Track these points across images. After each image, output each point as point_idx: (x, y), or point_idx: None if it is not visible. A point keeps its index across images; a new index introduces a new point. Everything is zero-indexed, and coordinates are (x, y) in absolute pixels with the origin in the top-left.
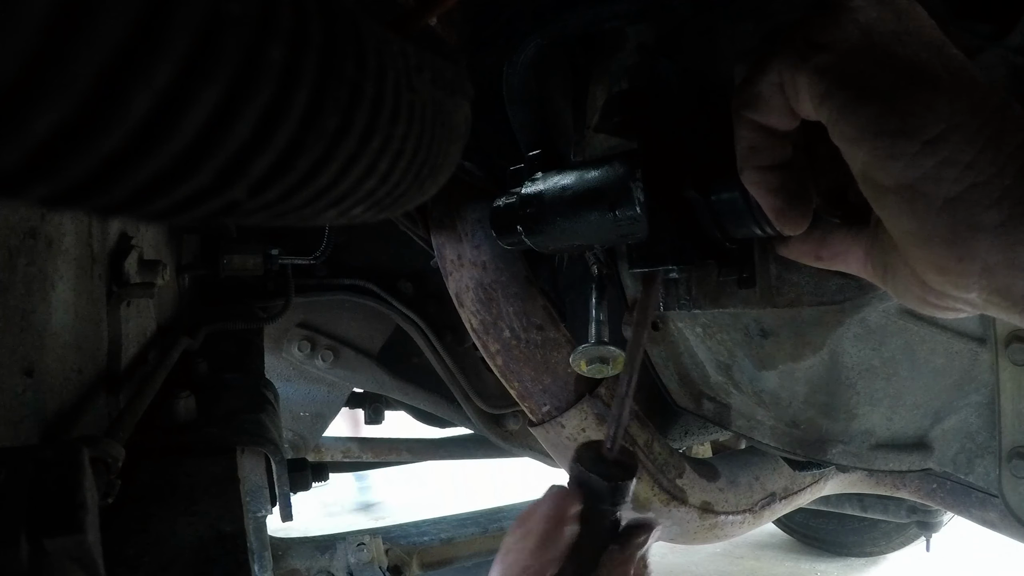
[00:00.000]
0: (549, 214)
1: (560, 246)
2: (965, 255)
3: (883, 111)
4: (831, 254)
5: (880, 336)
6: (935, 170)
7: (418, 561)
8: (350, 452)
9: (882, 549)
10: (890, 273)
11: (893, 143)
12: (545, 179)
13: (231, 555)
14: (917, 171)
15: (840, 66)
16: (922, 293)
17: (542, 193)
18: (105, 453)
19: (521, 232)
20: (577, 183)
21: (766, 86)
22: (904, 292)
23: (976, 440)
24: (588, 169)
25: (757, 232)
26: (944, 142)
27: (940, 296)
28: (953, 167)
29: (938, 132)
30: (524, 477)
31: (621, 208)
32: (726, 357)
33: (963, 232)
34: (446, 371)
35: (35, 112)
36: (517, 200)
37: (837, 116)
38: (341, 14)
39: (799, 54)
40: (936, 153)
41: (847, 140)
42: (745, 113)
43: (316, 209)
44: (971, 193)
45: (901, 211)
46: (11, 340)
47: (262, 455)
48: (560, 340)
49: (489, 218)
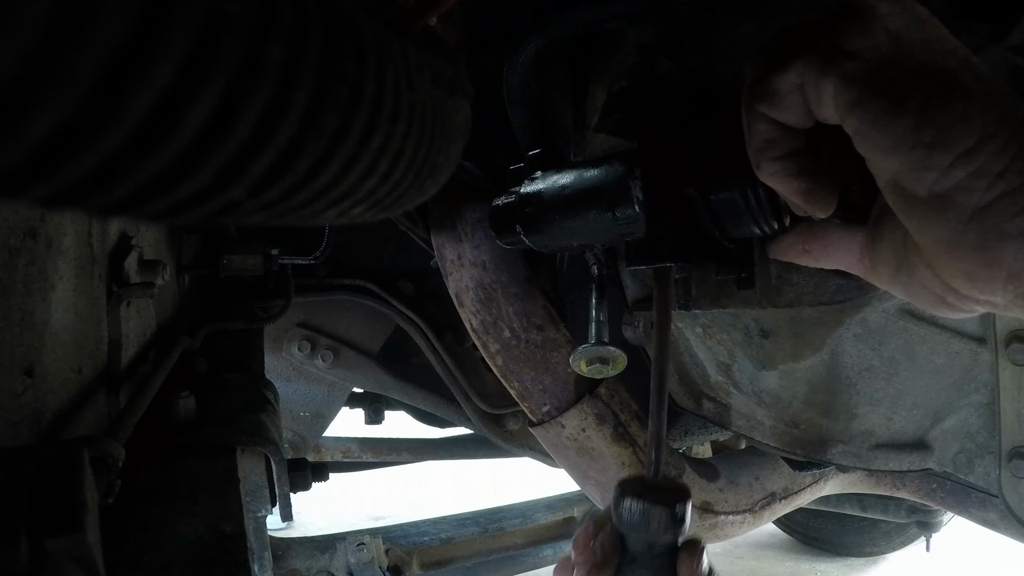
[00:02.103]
0: (548, 213)
1: (559, 245)
2: (993, 262)
3: (918, 123)
4: (823, 250)
5: (880, 336)
6: (967, 181)
7: (418, 561)
8: (350, 452)
9: (882, 549)
10: (904, 273)
11: (928, 155)
12: (544, 178)
13: (231, 555)
14: (950, 182)
15: (871, 75)
16: (942, 294)
17: (541, 192)
18: (105, 453)
19: (520, 231)
20: (576, 182)
21: (785, 84)
22: (920, 293)
23: (976, 440)
24: (587, 168)
25: (756, 231)
26: (978, 153)
27: (962, 299)
28: (985, 177)
29: (972, 144)
30: (524, 477)
31: (620, 207)
32: (726, 357)
33: (992, 240)
34: (446, 371)
35: (35, 112)
36: (516, 199)
37: (869, 127)
38: (341, 14)
39: (825, 59)
40: (970, 164)
41: (879, 151)
42: (760, 108)
43: (316, 209)
44: (1000, 202)
45: (931, 220)
46: (11, 340)
47: (262, 455)
48: (560, 340)
49: (488, 217)
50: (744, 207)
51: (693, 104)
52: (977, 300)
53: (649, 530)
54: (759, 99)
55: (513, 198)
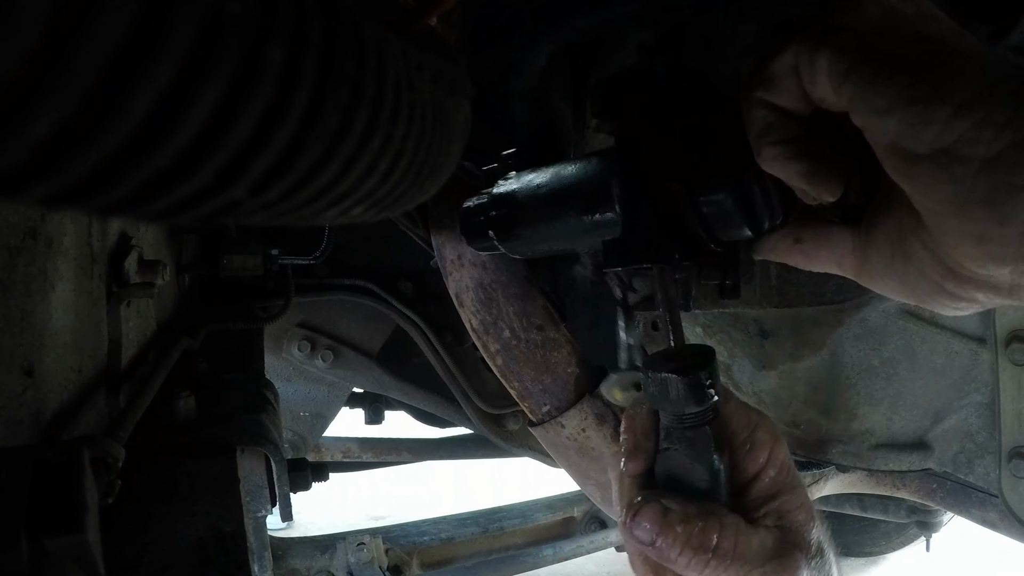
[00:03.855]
0: (523, 215)
1: (537, 251)
2: (1006, 218)
3: (914, 80)
4: (815, 249)
5: (880, 336)
6: (972, 131)
7: (418, 561)
8: (350, 452)
9: (882, 549)
10: (900, 261)
11: (927, 107)
12: (519, 178)
13: (231, 555)
14: (953, 134)
15: (864, 42)
16: (941, 280)
17: (515, 193)
18: (105, 453)
19: (493, 237)
20: (553, 181)
21: (780, 67)
22: (916, 282)
23: (976, 440)
24: (565, 166)
25: (747, 233)
26: (979, 102)
27: (962, 283)
28: (990, 127)
29: (972, 94)
30: (524, 477)
31: (600, 207)
32: (726, 357)
33: (1003, 194)
34: (446, 371)
35: (36, 112)
36: (488, 200)
37: (863, 90)
38: (341, 14)
39: (818, 36)
40: (972, 115)
41: (875, 112)
42: (758, 94)
43: (316, 209)
44: (1009, 153)
45: (936, 178)
46: (11, 340)
47: (262, 455)
48: (560, 340)
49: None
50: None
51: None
52: (977, 283)
53: (672, 401)
54: (756, 85)
55: (485, 199)
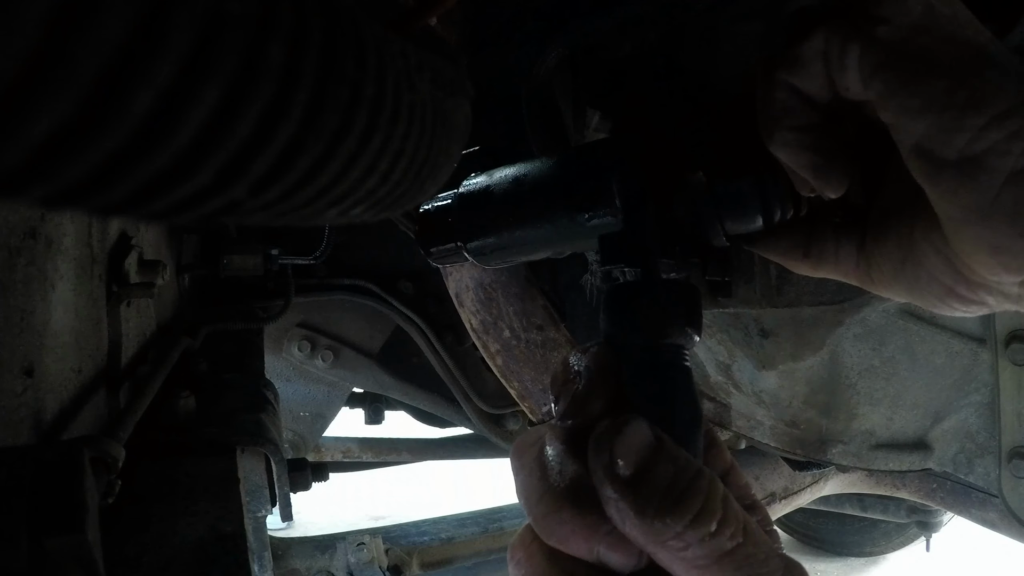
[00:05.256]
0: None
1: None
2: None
3: (951, 85)
4: (820, 255)
5: (880, 336)
6: (1004, 143)
7: (418, 561)
8: (350, 452)
9: (882, 549)
10: (911, 265)
11: (961, 115)
12: (491, 173)
13: (231, 555)
14: (984, 144)
15: (902, 39)
16: (952, 285)
17: (488, 189)
18: (105, 453)
19: (460, 246)
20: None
21: (808, 50)
22: (927, 286)
23: (976, 440)
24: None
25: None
26: (1013, 116)
27: (973, 288)
28: (1022, 141)
29: (1007, 107)
30: None
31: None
32: (726, 357)
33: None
34: (446, 371)
35: (35, 112)
36: (454, 200)
37: (896, 88)
38: (341, 14)
39: (853, 24)
40: (1005, 126)
41: (907, 111)
42: (780, 75)
43: (317, 209)
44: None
45: (961, 185)
46: (11, 340)
47: (262, 455)
48: (560, 340)
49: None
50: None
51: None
52: (989, 288)
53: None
54: (780, 65)
55: (450, 199)
